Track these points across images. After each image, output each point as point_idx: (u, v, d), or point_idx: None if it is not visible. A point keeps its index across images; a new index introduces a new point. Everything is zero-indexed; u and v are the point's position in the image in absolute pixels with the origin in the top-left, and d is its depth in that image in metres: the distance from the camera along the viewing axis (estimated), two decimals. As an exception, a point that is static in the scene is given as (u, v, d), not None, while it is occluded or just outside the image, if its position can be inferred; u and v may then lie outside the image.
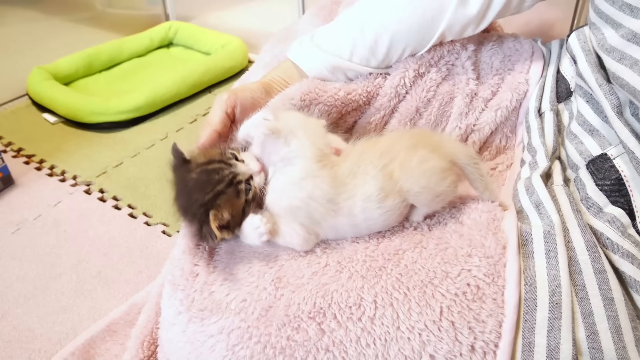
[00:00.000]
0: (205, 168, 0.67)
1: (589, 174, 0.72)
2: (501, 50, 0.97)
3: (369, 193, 0.68)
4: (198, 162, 0.68)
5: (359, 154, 0.72)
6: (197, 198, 0.66)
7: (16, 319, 1.04)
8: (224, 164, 0.67)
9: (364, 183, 0.69)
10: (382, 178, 0.69)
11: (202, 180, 0.66)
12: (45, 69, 1.86)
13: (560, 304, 0.60)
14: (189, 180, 0.67)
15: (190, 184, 0.67)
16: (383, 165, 0.70)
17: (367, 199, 0.68)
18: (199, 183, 0.67)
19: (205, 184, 0.66)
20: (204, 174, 0.67)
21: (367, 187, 0.68)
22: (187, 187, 0.68)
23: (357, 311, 0.62)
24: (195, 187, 0.67)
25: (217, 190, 0.66)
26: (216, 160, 0.68)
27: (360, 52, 0.87)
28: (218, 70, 1.93)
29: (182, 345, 0.67)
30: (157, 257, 1.17)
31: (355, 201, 0.68)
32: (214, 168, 0.67)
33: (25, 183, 1.44)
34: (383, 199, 0.69)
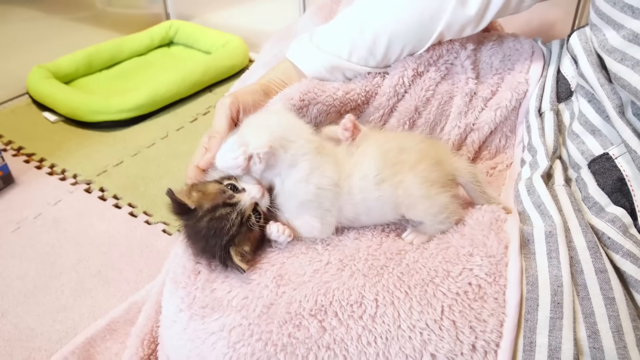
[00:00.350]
0: (213, 215, 0.67)
1: (590, 174, 0.72)
2: (501, 50, 0.96)
3: (367, 172, 0.69)
4: (204, 209, 0.68)
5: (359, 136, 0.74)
6: (214, 243, 0.67)
7: (16, 318, 1.04)
8: (229, 207, 0.67)
9: (362, 162, 0.70)
10: (382, 161, 0.70)
11: (214, 227, 0.67)
12: (45, 67, 1.86)
13: (561, 304, 0.60)
14: (200, 228, 0.68)
15: (203, 232, 0.68)
16: (385, 150, 0.71)
17: (364, 177, 0.69)
18: (212, 230, 0.67)
19: (219, 231, 0.67)
20: (214, 222, 0.67)
21: (365, 167, 0.70)
22: (200, 234, 0.68)
23: (358, 309, 0.62)
24: (209, 234, 0.67)
25: (232, 234, 0.67)
26: (220, 204, 0.68)
27: (358, 52, 0.87)
28: (218, 69, 1.93)
29: (183, 343, 0.67)
30: (157, 256, 1.17)
31: (353, 180, 0.69)
32: (221, 214, 0.67)
33: (26, 182, 1.44)
34: (380, 182, 0.69)
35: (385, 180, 0.70)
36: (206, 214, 0.68)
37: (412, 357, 0.59)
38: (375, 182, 0.69)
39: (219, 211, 0.67)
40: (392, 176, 0.70)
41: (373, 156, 0.70)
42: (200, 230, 0.68)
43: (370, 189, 0.70)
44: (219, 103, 0.81)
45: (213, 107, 1.80)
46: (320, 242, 0.72)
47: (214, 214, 0.67)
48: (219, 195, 0.68)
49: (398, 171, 0.70)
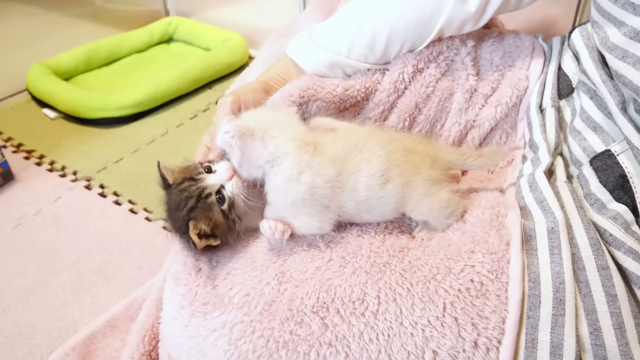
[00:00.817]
0: (178, 188, 0.70)
1: (592, 171, 0.72)
2: (501, 47, 0.96)
3: (374, 170, 0.69)
4: (175, 183, 0.71)
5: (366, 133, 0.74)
6: (177, 216, 0.70)
7: (16, 314, 1.04)
8: (192, 180, 0.70)
9: (370, 160, 0.69)
10: (388, 161, 0.69)
11: (177, 199, 0.70)
12: (45, 64, 1.86)
13: (564, 301, 0.59)
14: (170, 201, 0.72)
15: (171, 205, 0.71)
16: (390, 150, 0.70)
17: (371, 175, 0.69)
18: (175, 202, 0.70)
19: (179, 203, 0.70)
20: (178, 193, 0.70)
21: (372, 165, 0.69)
22: (170, 208, 0.72)
23: (360, 306, 0.62)
24: (174, 206, 0.70)
25: (189, 206, 0.69)
26: (187, 178, 0.70)
27: (358, 49, 0.87)
28: (218, 66, 1.93)
29: (184, 340, 0.67)
30: (157, 253, 1.17)
31: (359, 176, 0.69)
32: (184, 187, 0.70)
33: (25, 178, 1.44)
34: (385, 182, 0.69)
35: (390, 181, 0.69)
36: (176, 187, 0.71)
37: (414, 354, 0.59)
38: (381, 181, 0.69)
39: (184, 184, 0.70)
40: (397, 177, 0.69)
41: (380, 155, 0.70)
42: (171, 202, 0.71)
43: (375, 188, 0.69)
44: (220, 102, 0.80)
45: (213, 104, 1.80)
46: (322, 239, 0.72)
47: (180, 186, 0.70)
48: (191, 172, 0.71)
49: (403, 172, 0.70)
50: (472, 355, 0.58)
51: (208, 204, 0.69)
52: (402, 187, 0.70)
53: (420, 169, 0.71)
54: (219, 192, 0.69)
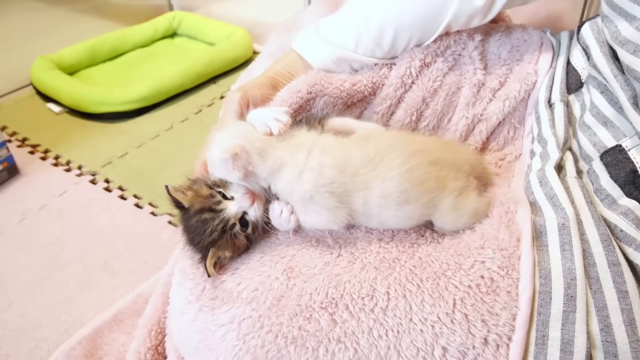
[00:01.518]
0: (199, 217, 0.69)
1: (603, 166, 0.72)
2: (509, 41, 0.96)
3: (389, 192, 0.65)
4: (194, 209, 0.70)
5: (385, 143, 0.69)
6: (198, 241, 0.69)
7: (22, 308, 1.04)
8: (212, 212, 0.68)
9: (384, 179, 0.65)
10: (408, 182, 0.65)
11: (199, 228, 0.69)
12: (49, 58, 1.86)
13: (575, 297, 0.59)
14: (190, 225, 0.70)
15: (191, 229, 0.70)
16: (411, 167, 0.66)
17: (386, 196, 0.65)
18: (197, 230, 0.69)
19: (202, 232, 0.68)
20: (199, 223, 0.69)
21: (387, 186, 0.65)
22: (189, 230, 0.71)
23: (369, 302, 0.62)
24: (195, 232, 0.69)
25: (213, 238, 0.68)
26: (206, 208, 0.69)
27: (365, 43, 0.86)
28: (222, 60, 1.93)
29: (192, 335, 0.67)
30: (162, 248, 1.17)
31: (371, 194, 0.66)
32: (205, 219, 0.68)
33: (30, 173, 1.44)
34: (404, 203, 0.66)
35: (410, 202, 0.66)
36: (195, 214, 0.69)
37: (424, 351, 0.59)
38: (397, 202, 0.66)
39: (205, 214, 0.68)
40: (419, 196, 0.66)
41: (399, 173, 0.65)
42: (190, 227, 0.70)
43: (390, 207, 0.66)
44: (228, 98, 0.80)
45: (217, 99, 1.79)
46: (331, 234, 0.71)
47: (200, 216, 0.68)
48: (208, 199, 0.69)
49: (426, 191, 0.67)
50: (481, 351, 0.58)
51: (233, 234, 0.69)
52: (423, 207, 0.67)
53: (446, 184, 0.68)
54: (242, 218, 0.69)
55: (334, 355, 0.60)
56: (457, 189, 0.69)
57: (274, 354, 0.61)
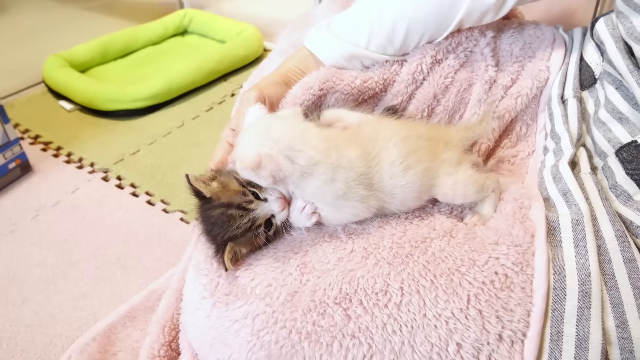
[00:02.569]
0: (225, 211, 0.67)
1: (618, 162, 0.71)
2: (521, 38, 0.95)
3: (393, 158, 0.69)
4: (219, 201, 0.68)
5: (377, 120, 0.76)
6: (217, 233, 0.68)
7: (37, 304, 1.05)
8: (243, 210, 0.67)
9: (387, 148, 0.70)
10: (405, 148, 0.70)
11: (222, 221, 0.67)
12: (61, 56, 1.87)
13: (589, 293, 0.59)
14: (210, 216, 0.68)
15: (212, 220, 0.68)
16: (403, 137, 0.71)
17: (392, 163, 0.69)
18: (219, 223, 0.67)
19: (225, 226, 0.67)
20: (223, 216, 0.67)
21: (391, 153, 0.69)
22: (209, 221, 0.69)
23: (383, 297, 0.62)
24: (216, 224, 0.68)
25: (236, 234, 0.67)
26: (235, 204, 0.67)
27: (377, 40, 0.86)
28: (233, 58, 1.93)
29: (206, 330, 0.67)
30: (175, 244, 1.18)
31: (383, 166, 0.69)
32: (232, 214, 0.67)
33: (43, 170, 1.45)
34: (406, 169, 0.69)
35: (411, 167, 0.70)
36: (220, 206, 0.67)
37: (438, 346, 0.59)
38: (402, 169, 0.69)
39: (232, 210, 0.67)
40: (417, 163, 0.70)
41: (395, 142, 0.70)
42: (210, 217, 0.68)
43: (398, 176, 0.69)
44: (244, 97, 0.80)
45: (228, 96, 1.80)
46: (344, 230, 0.71)
47: (226, 210, 0.67)
48: (238, 196, 0.68)
49: (420, 158, 0.71)
50: (496, 347, 0.58)
51: (257, 233, 0.68)
52: (422, 174, 0.70)
53: (437, 154, 0.73)
54: (269, 220, 0.69)
55: (348, 351, 0.60)
56: (450, 160, 0.73)
57: (288, 350, 0.61)
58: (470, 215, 0.74)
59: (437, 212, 0.75)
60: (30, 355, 0.95)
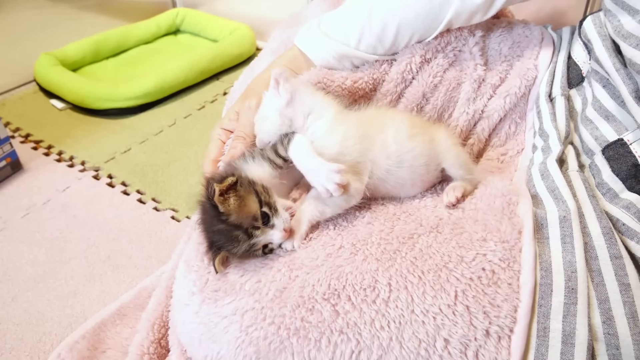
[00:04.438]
0: (231, 232, 0.67)
1: (604, 160, 0.72)
2: (510, 37, 0.95)
3: (399, 127, 0.77)
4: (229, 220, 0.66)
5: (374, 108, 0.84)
6: (216, 240, 0.68)
7: (26, 302, 1.04)
8: (247, 235, 0.67)
9: (393, 119, 0.78)
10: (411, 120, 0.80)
11: (224, 237, 0.67)
12: (52, 55, 1.86)
13: (576, 290, 0.59)
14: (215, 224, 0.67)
15: (214, 228, 0.67)
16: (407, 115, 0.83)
17: (397, 131, 0.76)
18: (221, 235, 0.67)
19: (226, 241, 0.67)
20: (227, 234, 0.67)
21: (397, 122, 0.77)
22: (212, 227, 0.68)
23: (371, 293, 0.62)
24: (218, 234, 0.67)
25: (232, 251, 0.68)
26: (242, 228, 0.66)
27: (367, 40, 0.87)
28: (226, 57, 1.93)
29: (195, 327, 0.67)
30: (166, 242, 1.18)
31: (386, 134, 0.76)
32: (236, 237, 0.66)
33: (34, 168, 1.44)
34: (413, 136, 0.76)
35: (417, 135, 0.77)
36: (227, 224, 0.66)
37: (425, 342, 0.59)
38: (408, 136, 0.76)
39: (238, 233, 0.66)
40: (422, 134, 0.78)
41: (401, 117, 0.79)
42: (214, 225, 0.67)
43: (404, 142, 0.75)
44: (246, 105, 0.82)
45: (220, 95, 1.80)
46: (333, 226, 0.72)
47: (233, 230, 0.66)
48: (249, 219, 0.67)
49: (426, 129, 0.80)
50: (483, 343, 0.58)
51: (252, 253, 0.69)
52: (429, 143, 0.78)
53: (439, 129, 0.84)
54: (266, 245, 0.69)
55: (337, 347, 0.60)
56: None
57: (276, 346, 0.62)
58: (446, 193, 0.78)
59: (424, 207, 0.76)
60: (20, 353, 0.95)
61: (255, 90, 0.85)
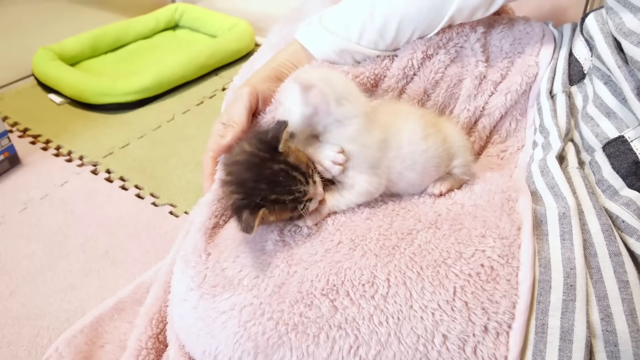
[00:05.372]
0: (289, 171, 0.65)
1: (605, 157, 0.72)
2: (511, 33, 0.95)
3: (414, 127, 0.75)
4: (287, 159, 0.65)
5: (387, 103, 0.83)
6: (262, 188, 0.64)
7: (24, 297, 1.04)
8: (305, 179, 0.65)
9: (407, 119, 0.76)
10: (424, 120, 0.77)
11: (279, 179, 0.64)
12: (50, 49, 1.85)
13: (574, 286, 0.59)
14: (267, 167, 0.65)
15: (266, 172, 0.65)
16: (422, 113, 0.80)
17: (412, 131, 0.75)
18: (275, 179, 0.64)
19: (279, 184, 0.64)
20: (284, 174, 0.64)
21: (411, 123, 0.76)
22: (259, 171, 0.65)
23: (370, 289, 0.62)
24: (269, 180, 0.65)
25: (284, 199, 0.65)
26: (302, 171, 0.65)
27: (369, 35, 0.86)
28: (224, 52, 1.92)
29: (193, 322, 0.67)
30: (164, 238, 1.17)
31: (402, 135, 0.74)
32: (295, 177, 0.65)
33: (32, 163, 1.44)
34: (427, 137, 0.75)
35: (430, 135, 0.75)
36: (286, 163, 0.65)
37: (424, 338, 0.59)
38: (422, 136, 0.74)
39: (296, 173, 0.65)
40: (436, 133, 0.77)
41: (416, 116, 0.77)
42: (264, 169, 0.65)
43: (418, 142, 0.74)
44: (238, 93, 0.80)
45: (219, 91, 1.79)
46: (332, 222, 0.71)
47: (291, 170, 0.65)
48: (307, 166, 0.67)
49: (439, 129, 0.78)
50: (482, 339, 0.58)
51: (295, 207, 0.66)
52: (442, 142, 0.77)
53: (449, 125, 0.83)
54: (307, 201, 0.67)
55: (335, 342, 0.60)
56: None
57: (275, 341, 0.62)
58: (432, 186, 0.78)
59: (422, 203, 0.76)
60: (18, 347, 0.95)
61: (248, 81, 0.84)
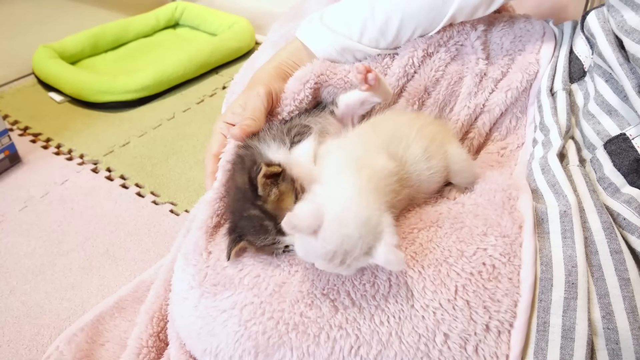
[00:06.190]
0: (262, 220, 0.66)
1: (606, 154, 0.72)
2: (512, 31, 0.95)
3: (416, 153, 0.70)
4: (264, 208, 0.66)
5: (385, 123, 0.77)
6: (243, 225, 0.68)
7: (25, 295, 1.04)
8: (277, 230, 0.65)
9: (409, 146, 0.71)
10: (423, 138, 0.72)
11: (253, 224, 0.66)
12: (51, 47, 1.85)
13: (576, 284, 0.59)
14: (246, 210, 0.67)
15: (245, 214, 0.67)
16: (418, 128, 0.73)
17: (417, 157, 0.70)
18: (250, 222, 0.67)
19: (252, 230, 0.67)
20: (257, 222, 0.66)
21: (413, 149, 0.71)
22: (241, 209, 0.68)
23: (371, 289, 0.62)
24: (247, 220, 0.67)
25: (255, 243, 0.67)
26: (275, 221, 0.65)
27: (370, 33, 0.86)
28: (225, 50, 1.92)
29: (194, 320, 0.67)
30: (164, 236, 1.17)
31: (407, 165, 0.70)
32: (266, 227, 0.66)
33: (32, 161, 1.44)
34: (430, 158, 0.71)
35: (434, 156, 0.72)
36: (261, 211, 0.66)
37: (425, 337, 0.59)
38: (425, 158, 0.71)
39: (267, 223, 0.66)
40: (438, 150, 0.73)
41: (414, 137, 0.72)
42: (246, 209, 0.67)
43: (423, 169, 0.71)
44: (253, 93, 0.80)
45: (219, 89, 1.79)
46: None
47: (264, 219, 0.66)
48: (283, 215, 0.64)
49: (439, 144, 0.74)
50: (483, 338, 0.58)
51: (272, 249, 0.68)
52: (444, 159, 0.74)
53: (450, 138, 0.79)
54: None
55: (336, 342, 0.60)
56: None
57: (275, 340, 0.62)
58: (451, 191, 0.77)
59: (423, 202, 0.76)
60: (18, 345, 0.95)
61: (259, 80, 0.84)
